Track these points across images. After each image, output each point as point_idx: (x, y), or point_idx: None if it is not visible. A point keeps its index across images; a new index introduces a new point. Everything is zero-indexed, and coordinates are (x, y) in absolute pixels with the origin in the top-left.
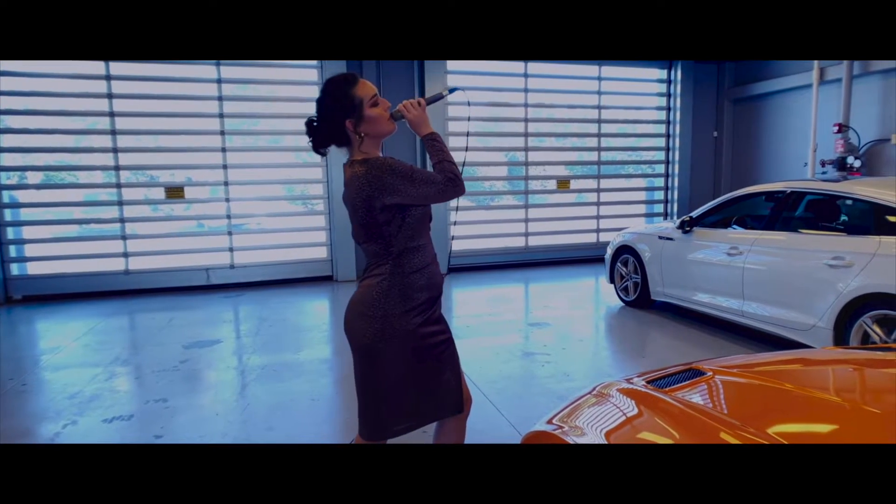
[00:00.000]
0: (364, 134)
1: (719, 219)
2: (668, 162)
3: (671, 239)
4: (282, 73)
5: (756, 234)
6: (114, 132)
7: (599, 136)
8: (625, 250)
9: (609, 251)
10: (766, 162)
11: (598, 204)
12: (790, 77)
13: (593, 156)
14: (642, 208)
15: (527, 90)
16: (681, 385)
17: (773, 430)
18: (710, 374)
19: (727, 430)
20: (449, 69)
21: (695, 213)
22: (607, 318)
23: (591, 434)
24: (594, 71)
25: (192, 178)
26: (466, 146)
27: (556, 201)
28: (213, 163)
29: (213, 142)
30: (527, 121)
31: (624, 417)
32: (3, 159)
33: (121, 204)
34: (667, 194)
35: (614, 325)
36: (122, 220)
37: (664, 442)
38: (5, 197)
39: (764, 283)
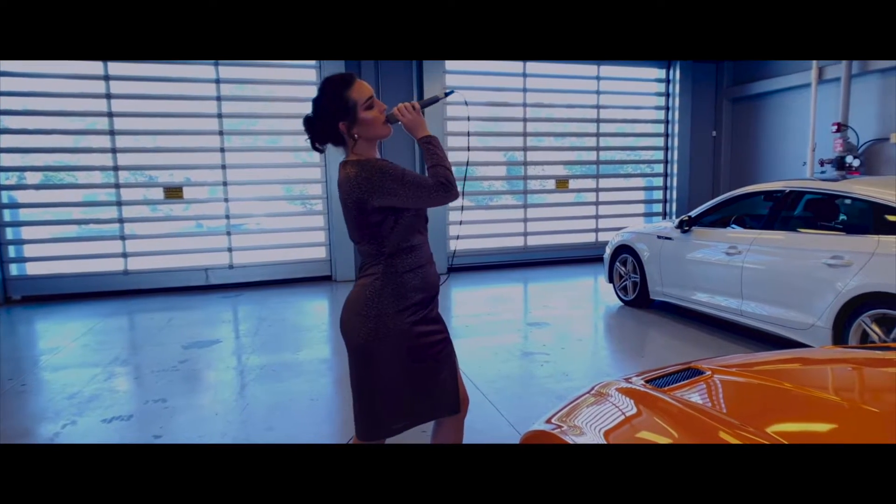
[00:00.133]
0: (357, 136)
1: (718, 218)
2: (666, 161)
3: (670, 238)
4: (280, 73)
5: (755, 234)
6: (112, 132)
7: (598, 135)
8: (624, 250)
9: (608, 251)
10: (765, 161)
11: (597, 203)
12: (789, 76)
13: (592, 155)
14: (641, 208)
15: (525, 90)
16: (680, 384)
17: (772, 429)
18: (709, 373)
19: (726, 430)
20: (447, 69)
21: (693, 213)
22: (606, 318)
23: (589, 433)
24: (593, 70)
25: (190, 178)
26: (468, 147)
27: (555, 201)
28: (212, 163)
29: (212, 142)
30: (525, 120)
31: (623, 417)
32: (2, 160)
33: (119, 204)
34: (665, 194)
35: (613, 324)
36: (121, 221)
37: (663, 441)
38: (4, 197)
39: (763, 282)
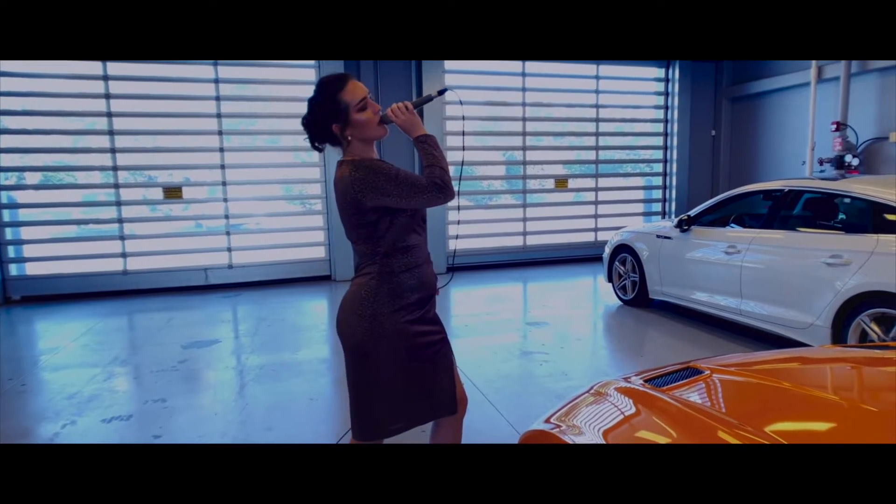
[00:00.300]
0: (351, 137)
1: (717, 217)
2: (665, 161)
3: (669, 238)
4: (279, 72)
5: (754, 233)
6: (111, 132)
7: (597, 135)
8: (623, 249)
9: (607, 250)
10: (764, 160)
11: (596, 203)
12: (788, 75)
13: (591, 155)
14: (640, 207)
15: (524, 89)
16: (678, 384)
17: (771, 428)
18: (708, 372)
19: (725, 429)
20: (446, 69)
21: (693, 212)
22: (605, 317)
23: (588, 433)
24: (592, 70)
25: (190, 178)
26: (463, 147)
27: (554, 200)
28: (211, 163)
29: (211, 142)
30: (524, 120)
31: (622, 416)
32: (2, 160)
33: (119, 204)
34: (665, 193)
35: (612, 324)
36: (121, 221)
37: (662, 441)
38: (3, 197)
39: (762, 281)
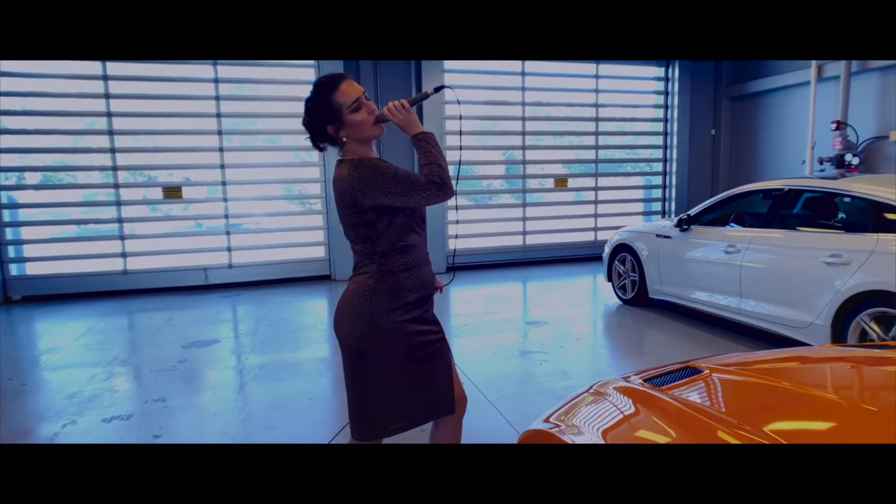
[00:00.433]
0: (346, 138)
1: (717, 217)
2: (665, 160)
3: (669, 237)
4: (279, 72)
5: (754, 232)
6: (111, 132)
7: (597, 134)
8: (622, 248)
9: (607, 249)
10: (764, 160)
11: (596, 202)
12: (788, 74)
13: (591, 154)
14: (640, 206)
15: (524, 88)
16: (678, 383)
17: (770, 428)
18: (707, 372)
19: (724, 429)
20: (446, 68)
21: (692, 212)
22: (605, 317)
23: (587, 433)
24: (591, 69)
25: (189, 178)
26: (461, 147)
27: (554, 200)
28: (211, 162)
29: (211, 142)
30: (524, 119)
31: (621, 416)
32: (2, 160)
33: (119, 204)
34: (664, 192)
35: (612, 323)
36: (121, 221)
37: (661, 440)
38: (4, 198)
39: (761, 280)
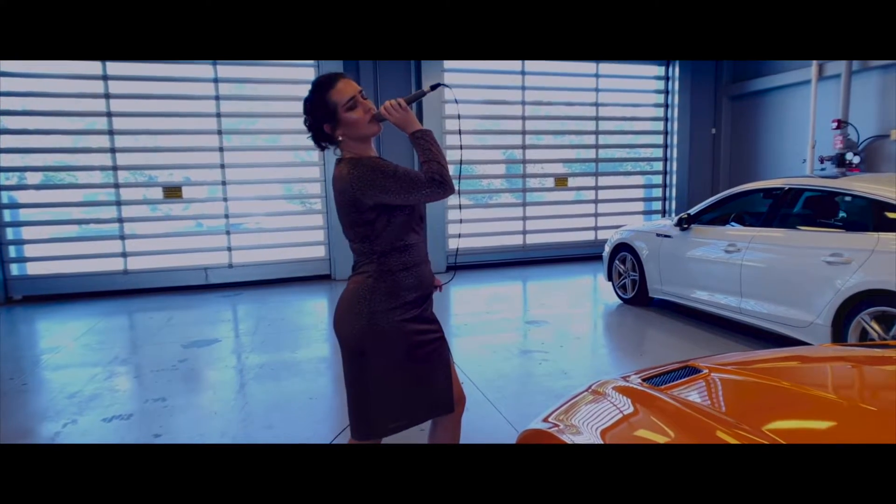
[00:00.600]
0: (343, 137)
1: (717, 216)
2: (666, 159)
3: (669, 236)
4: (278, 72)
5: (754, 231)
6: (111, 132)
7: (597, 133)
8: (623, 248)
9: (607, 249)
10: (765, 159)
11: (596, 202)
12: (788, 73)
13: (591, 153)
14: (640, 206)
15: (524, 88)
16: (676, 383)
17: (768, 427)
18: (706, 371)
19: (722, 429)
20: (446, 67)
21: (693, 211)
22: (605, 316)
23: (586, 432)
24: (591, 68)
25: (190, 177)
26: (460, 146)
27: (554, 199)
28: (211, 162)
29: (211, 141)
30: (524, 118)
31: (620, 416)
32: (2, 160)
33: (119, 204)
34: (665, 191)
35: (612, 322)
36: (121, 221)
37: (659, 440)
38: (4, 198)
39: (762, 280)
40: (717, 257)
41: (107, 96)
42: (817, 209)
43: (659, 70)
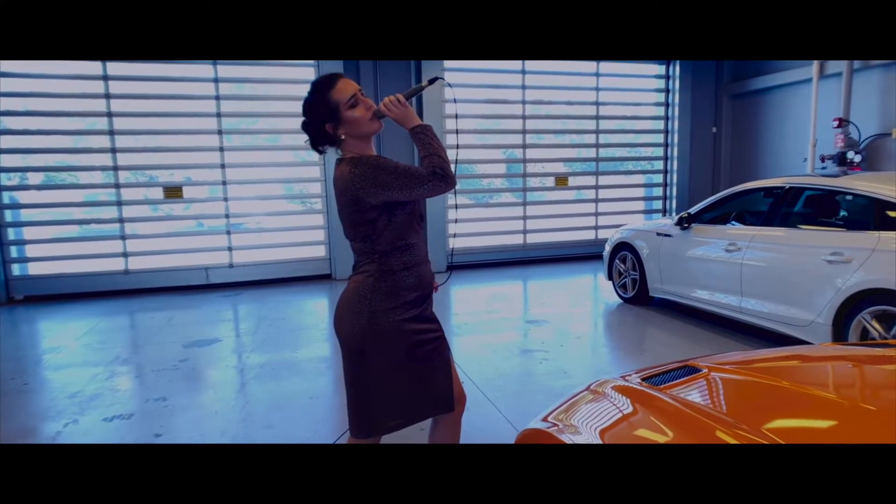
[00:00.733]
0: (345, 135)
1: (718, 215)
2: (666, 158)
3: (669, 235)
4: (278, 71)
5: (754, 230)
6: (112, 132)
7: (598, 132)
8: (623, 247)
9: (607, 248)
10: (766, 157)
11: (597, 201)
12: (790, 72)
13: (592, 152)
14: (641, 205)
15: (524, 87)
16: (676, 382)
17: (767, 427)
18: (706, 371)
19: (722, 428)
20: (446, 67)
21: (693, 210)
22: (606, 315)
23: (585, 432)
24: (592, 67)
25: (191, 177)
26: (457, 145)
27: (555, 198)
28: (212, 162)
29: (211, 141)
30: (524, 118)
31: (619, 415)
32: (4, 160)
33: (120, 204)
34: (665, 190)
35: (612, 322)
36: (122, 221)
37: (658, 440)
38: (6, 198)
39: (762, 279)
40: (717, 256)
41: (107, 96)
42: (818, 208)
43: (659, 69)
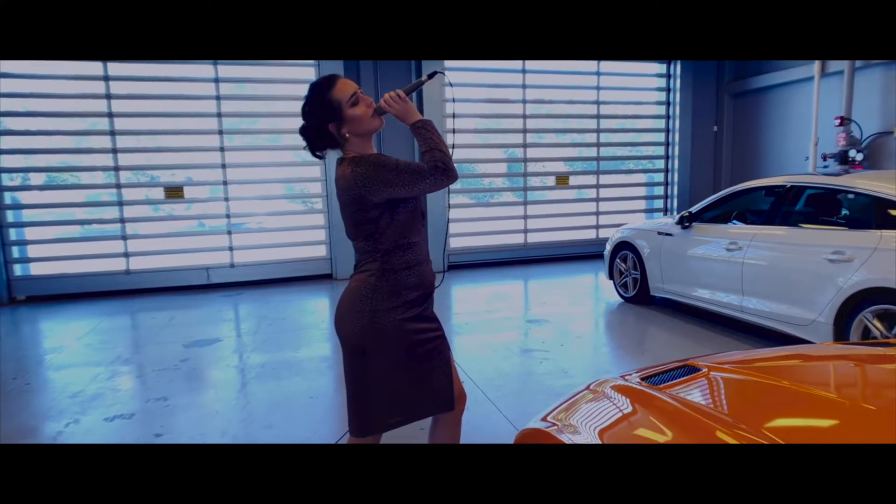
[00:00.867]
0: (349, 134)
1: (719, 214)
2: (667, 157)
3: (670, 234)
4: (279, 71)
5: (756, 229)
6: (113, 133)
7: (598, 131)
8: (624, 246)
9: (608, 247)
10: (767, 156)
11: (598, 200)
12: (791, 70)
13: (592, 151)
14: (642, 204)
15: (525, 86)
16: (675, 382)
17: (767, 427)
18: (706, 370)
19: (721, 428)
20: (446, 66)
21: (694, 209)
22: (606, 315)
23: (584, 432)
24: (593, 66)
25: (192, 177)
26: (453, 145)
27: (556, 198)
28: (213, 162)
29: (212, 141)
30: (525, 117)
31: (618, 415)
32: (5, 161)
33: (121, 204)
34: (666, 189)
35: (613, 321)
36: (123, 221)
37: (658, 440)
38: (8, 198)
39: (764, 278)
40: (718, 255)
41: (108, 97)
42: (819, 207)
43: (660, 68)
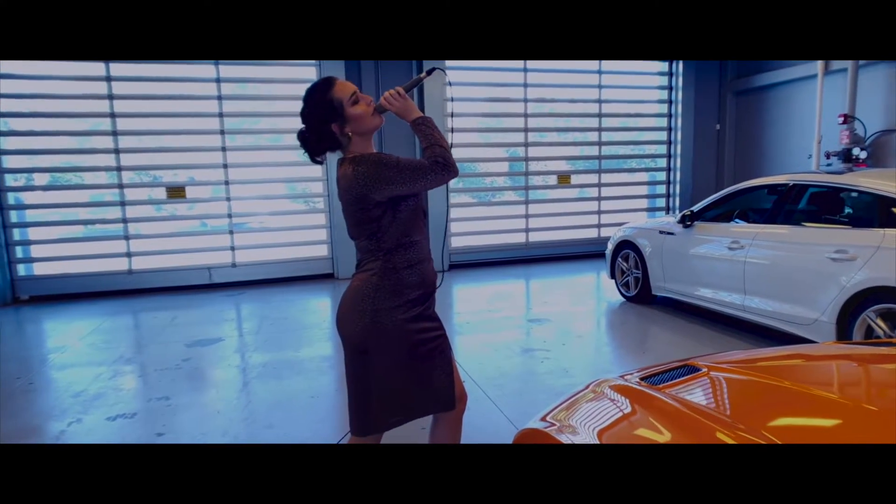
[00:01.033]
0: (351, 133)
1: (721, 213)
2: (669, 156)
3: (672, 233)
4: (281, 71)
5: (758, 228)
6: (115, 133)
7: (600, 130)
8: (625, 245)
9: (610, 246)
10: (770, 154)
11: (600, 199)
12: (794, 68)
13: (594, 150)
14: (644, 203)
15: (526, 85)
16: (675, 381)
17: (766, 427)
18: (706, 370)
19: (720, 428)
20: (447, 65)
21: (696, 207)
22: (608, 314)
23: (583, 432)
24: (594, 65)
25: (194, 177)
26: (451, 144)
27: (557, 197)
28: (214, 162)
29: (214, 141)
30: (527, 116)
31: (617, 415)
32: (9, 161)
33: (123, 204)
34: (668, 188)
35: (615, 320)
36: (125, 221)
37: (657, 440)
38: (11, 199)
39: (766, 277)
40: (720, 254)
41: (110, 97)
42: (822, 205)
43: (662, 66)
